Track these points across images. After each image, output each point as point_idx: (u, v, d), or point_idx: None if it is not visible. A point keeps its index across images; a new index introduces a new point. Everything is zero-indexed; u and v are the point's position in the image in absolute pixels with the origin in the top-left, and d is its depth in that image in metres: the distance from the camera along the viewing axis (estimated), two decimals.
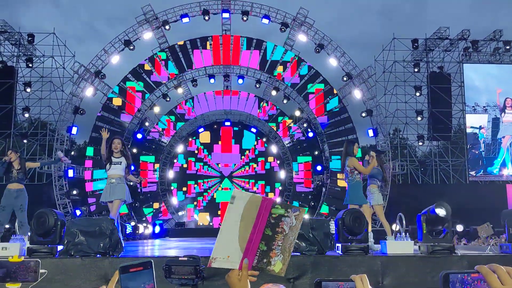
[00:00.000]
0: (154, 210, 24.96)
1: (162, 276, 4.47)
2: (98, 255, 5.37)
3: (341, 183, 23.06)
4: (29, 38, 21.83)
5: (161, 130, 25.96)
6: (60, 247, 5.49)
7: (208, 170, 26.81)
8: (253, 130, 27.09)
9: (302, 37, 22.19)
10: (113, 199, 7.48)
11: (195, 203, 26.27)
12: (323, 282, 1.51)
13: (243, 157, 26.97)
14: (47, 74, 22.56)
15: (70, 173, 20.41)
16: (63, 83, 22.44)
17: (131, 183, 13.59)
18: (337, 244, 5.81)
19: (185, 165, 26.80)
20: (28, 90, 21.90)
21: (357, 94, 22.05)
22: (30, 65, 22.00)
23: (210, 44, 23.23)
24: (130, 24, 21.90)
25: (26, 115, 22.02)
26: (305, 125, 24.72)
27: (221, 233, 1.67)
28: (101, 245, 5.35)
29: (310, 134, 24.53)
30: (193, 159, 26.86)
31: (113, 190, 7.52)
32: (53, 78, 22.44)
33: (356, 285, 1.43)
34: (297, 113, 24.72)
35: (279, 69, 23.45)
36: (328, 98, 23.27)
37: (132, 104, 23.17)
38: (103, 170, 22.20)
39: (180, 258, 3.62)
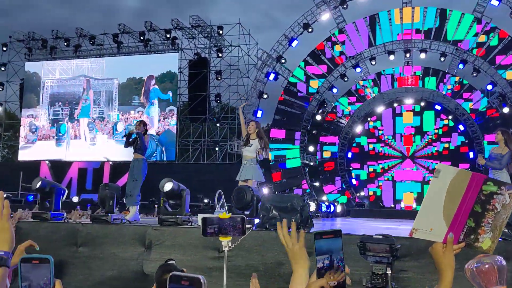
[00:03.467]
0: (334, 190, 25.36)
1: (351, 253, 4.57)
2: (290, 230, 5.71)
3: None
4: (219, 30, 23.89)
5: (339, 110, 26.08)
6: (256, 221, 5.99)
7: (387, 151, 26.08)
8: (438, 107, 25.37)
9: (494, 2, 19.83)
10: (242, 179, 7.67)
11: (375, 183, 25.88)
12: None
13: (426, 136, 25.54)
14: (235, 62, 24.46)
15: None
16: (248, 70, 24.07)
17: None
18: None
19: (363, 145, 26.53)
20: (219, 78, 24.08)
21: None
22: (220, 55, 24.09)
23: (389, 19, 22.36)
24: (305, 10, 22.36)
25: (218, 101, 24.27)
26: (499, 99, 22.20)
27: (423, 206, 1.67)
28: (293, 220, 5.67)
29: (505, 110, 21.93)
30: (372, 139, 26.41)
31: (244, 171, 7.72)
32: (239, 66, 24.24)
33: None
34: (489, 87, 22.32)
35: (468, 39, 21.42)
36: None
37: (311, 86, 23.73)
38: (286, 151, 23.31)
39: (374, 236, 3.67)
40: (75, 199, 21.94)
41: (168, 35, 24.38)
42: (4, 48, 27.05)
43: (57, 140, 25.01)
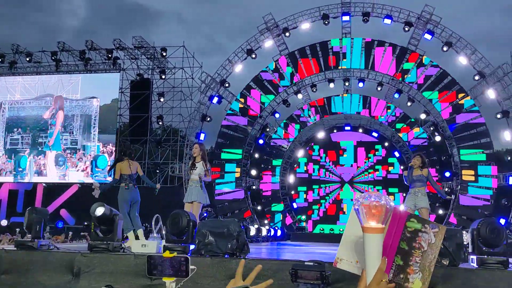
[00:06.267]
0: (275, 214, 25.44)
1: (286, 279, 4.55)
2: (226, 256, 5.62)
3: (472, 190, 21.46)
4: (162, 52, 23.73)
5: (281, 135, 26.42)
6: (192, 247, 5.85)
7: (328, 175, 26.62)
8: (375, 134, 26.31)
9: (427, 36, 21.05)
10: (189, 201, 7.93)
11: (315, 208, 26.25)
12: None
13: (364, 164, 26.32)
14: (178, 84, 24.32)
15: None
16: (191, 93, 24.00)
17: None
18: (471, 257, 5.40)
19: (304, 170, 26.94)
20: (162, 100, 23.79)
21: (490, 94, 20.32)
22: (163, 76, 23.90)
23: (330, 49, 23.13)
24: (249, 36, 22.74)
25: (160, 123, 23.92)
26: (431, 128, 23.38)
27: (346, 236, 1.59)
28: (229, 246, 5.59)
29: (438, 138, 23.12)
30: (314, 164, 26.88)
31: (191, 193, 7.97)
32: (183, 88, 24.12)
33: None
34: (423, 116, 23.48)
35: (403, 70, 22.51)
36: (458, 100, 21.78)
37: (254, 111, 23.94)
38: (230, 174, 23.10)
39: (306, 263, 3.66)
40: (4, 222, 20.72)
41: (109, 55, 23.92)
42: None
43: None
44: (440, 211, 22.73)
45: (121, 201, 8.35)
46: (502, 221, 18.78)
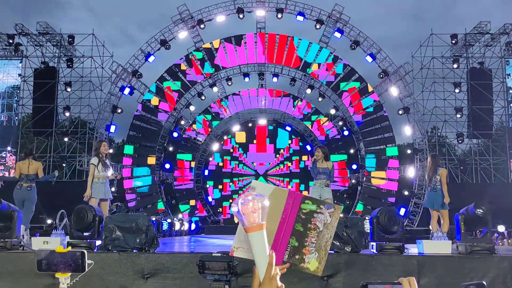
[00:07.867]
0: (190, 208, 25.28)
1: (196, 272, 4.53)
2: (135, 250, 5.49)
3: (376, 181, 22.76)
4: (70, 39, 22.49)
5: (196, 128, 26.23)
6: (98, 242, 5.64)
7: (243, 168, 26.93)
8: (288, 128, 27.01)
9: (337, 34, 21.93)
10: (104, 198, 8.02)
11: (231, 201, 26.43)
12: (370, 285, 1.46)
13: (277, 155, 26.96)
14: (87, 74, 23.20)
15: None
16: (101, 83, 23.02)
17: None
18: (371, 243, 5.74)
19: (220, 164, 27.02)
20: (69, 89, 22.58)
21: (393, 91, 21.65)
22: (71, 65, 22.67)
23: (245, 43, 23.29)
24: (162, 27, 22.23)
25: (67, 114, 22.70)
26: (340, 123, 24.48)
27: (240, 228, 1.58)
28: (138, 240, 5.47)
29: (346, 133, 24.26)
30: (228, 157, 27.05)
31: (104, 190, 8.04)
32: (92, 78, 23.06)
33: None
34: (332, 111, 24.49)
35: (314, 67, 23.27)
36: (364, 96, 22.96)
37: (168, 103, 23.51)
38: (142, 168, 22.44)
39: (213, 254, 3.67)
40: None
41: (11, 41, 22.24)
42: None
43: None
44: (348, 201, 23.91)
45: (14, 200, 8.31)
46: (403, 210, 20.20)
